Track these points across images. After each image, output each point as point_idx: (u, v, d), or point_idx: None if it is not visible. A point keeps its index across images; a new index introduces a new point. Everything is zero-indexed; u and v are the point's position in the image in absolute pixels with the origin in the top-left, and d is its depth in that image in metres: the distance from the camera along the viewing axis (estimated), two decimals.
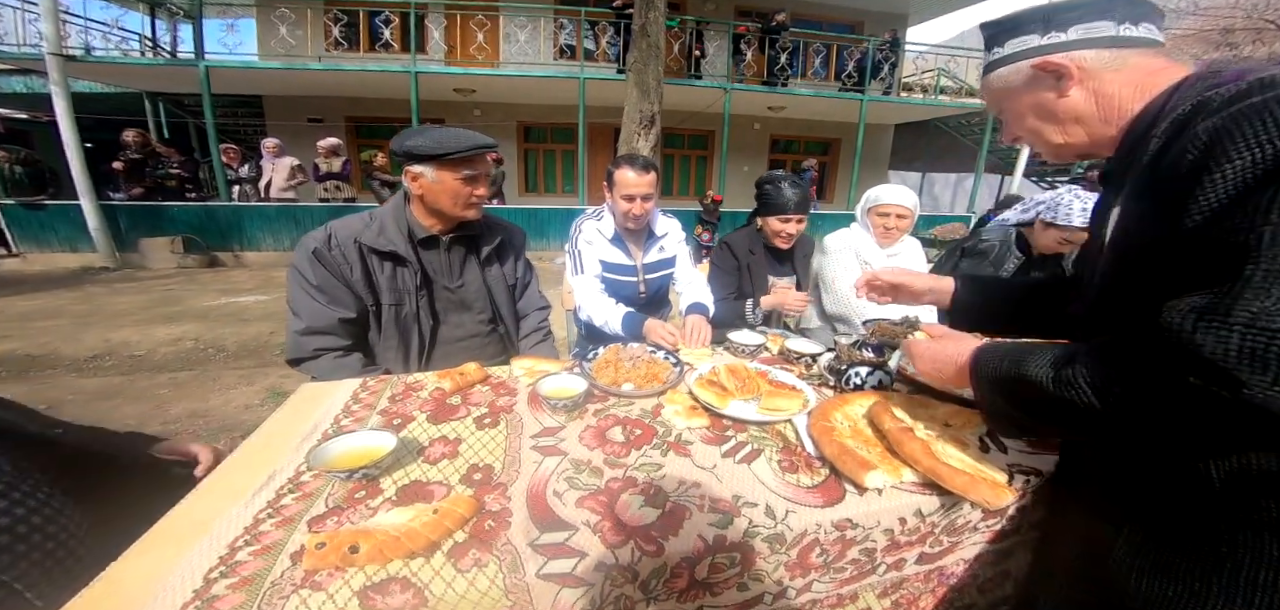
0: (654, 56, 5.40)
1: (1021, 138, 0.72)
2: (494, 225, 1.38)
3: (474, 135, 1.15)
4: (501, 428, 0.92)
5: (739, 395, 1.03)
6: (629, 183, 1.55)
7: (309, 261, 1.11)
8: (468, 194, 1.17)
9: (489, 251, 1.32)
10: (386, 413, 0.97)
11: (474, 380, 1.06)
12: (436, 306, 1.26)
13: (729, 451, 0.88)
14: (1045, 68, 0.64)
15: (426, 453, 0.84)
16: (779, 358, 1.30)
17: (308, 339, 1.12)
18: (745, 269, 1.78)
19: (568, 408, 0.95)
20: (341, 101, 8.76)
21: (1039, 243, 1.75)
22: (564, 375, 1.04)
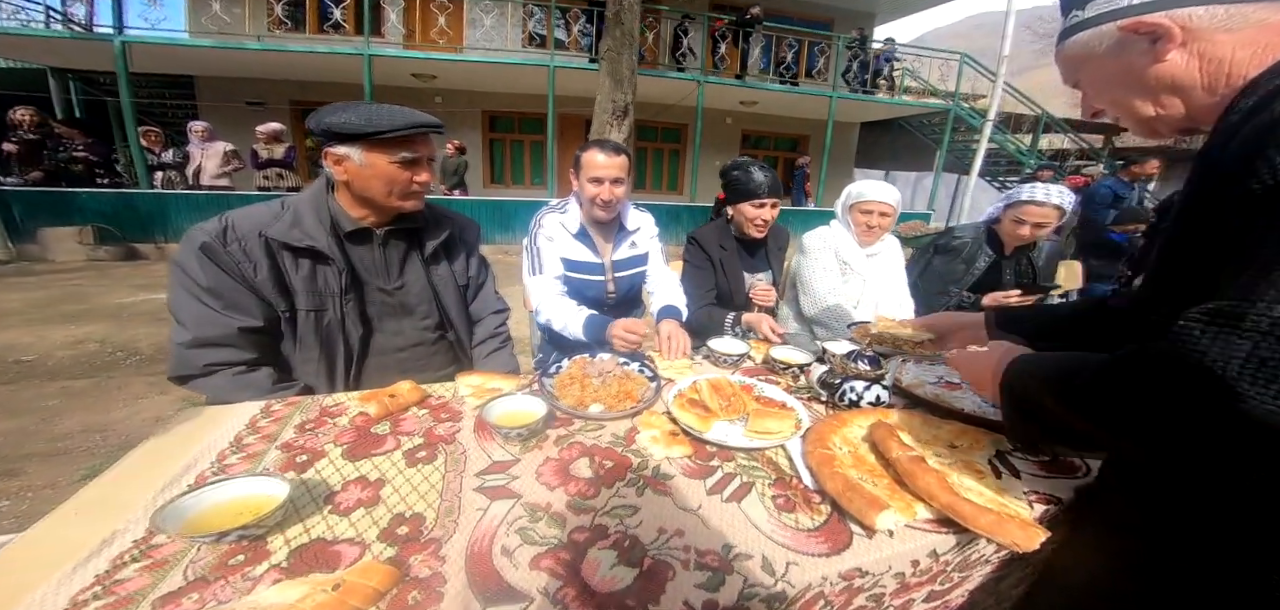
0: (628, 45, 5.23)
1: (1103, 111, 0.63)
2: (441, 217, 1.20)
3: (412, 113, 0.97)
4: (439, 463, 0.76)
5: (723, 415, 0.91)
6: (598, 164, 1.41)
7: (196, 259, 0.90)
8: (406, 181, 0.99)
9: (435, 247, 1.14)
10: (290, 446, 0.79)
11: (407, 403, 0.89)
12: (368, 311, 1.07)
13: (716, 486, 0.75)
14: (1139, 29, 0.53)
15: (336, 500, 0.67)
16: (764, 368, 1.18)
17: (197, 352, 0.91)
18: (718, 266, 1.67)
19: (523, 437, 0.80)
20: (286, 85, 8.10)
21: (1006, 234, 1.78)
22: (519, 396, 0.88)
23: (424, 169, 1.00)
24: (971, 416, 0.88)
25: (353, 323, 1.03)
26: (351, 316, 1.02)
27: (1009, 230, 1.75)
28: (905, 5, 10.71)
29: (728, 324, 1.56)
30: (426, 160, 1.01)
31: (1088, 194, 4.78)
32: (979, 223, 1.90)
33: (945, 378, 1.04)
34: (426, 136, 1.01)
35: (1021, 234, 1.71)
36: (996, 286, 1.84)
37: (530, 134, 9.58)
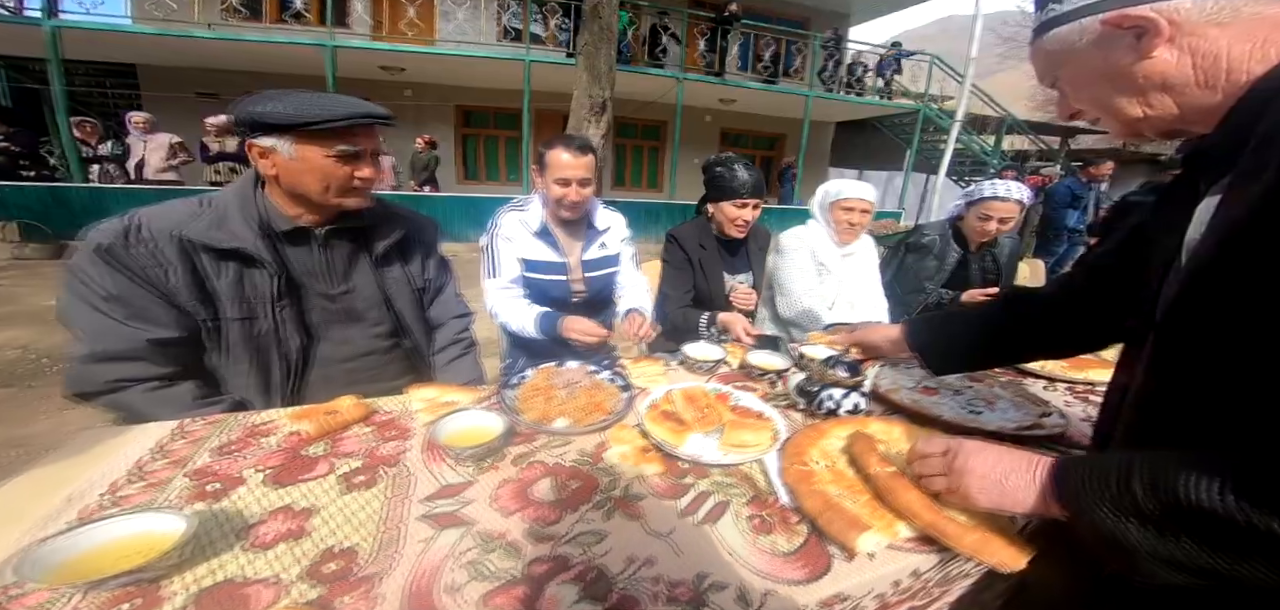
0: (606, 40, 5.13)
1: (1083, 113, 0.57)
2: (393, 215, 1.10)
3: (353, 101, 0.88)
4: (381, 489, 0.69)
5: (698, 427, 0.86)
6: (563, 164, 1.34)
7: (95, 263, 0.79)
8: (344, 176, 0.90)
9: (386, 248, 1.05)
10: (203, 473, 0.70)
11: (349, 420, 0.81)
12: (310, 319, 0.97)
13: (689, 507, 0.70)
14: (1122, 23, 0.48)
15: (255, 534, 0.59)
16: (741, 373, 1.14)
17: (98, 368, 0.80)
18: (697, 266, 1.62)
19: (477, 457, 0.73)
20: (241, 76, 7.62)
21: (971, 231, 1.83)
22: (475, 411, 0.81)
23: (367, 163, 0.91)
24: (950, 424, 0.86)
25: (291, 331, 0.93)
26: (289, 324, 0.93)
27: (975, 227, 1.79)
28: (879, 6, 10.94)
29: (703, 325, 1.51)
30: (370, 154, 0.92)
31: (1048, 193, 4.98)
32: (943, 221, 1.94)
33: (924, 382, 1.02)
34: (370, 129, 0.92)
35: (988, 229, 1.76)
36: (965, 283, 1.88)
37: (505, 129, 9.37)
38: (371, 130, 0.92)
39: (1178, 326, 0.49)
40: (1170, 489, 0.42)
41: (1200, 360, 0.46)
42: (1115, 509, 0.45)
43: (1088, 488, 0.48)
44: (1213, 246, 0.45)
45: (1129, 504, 0.44)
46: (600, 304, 1.59)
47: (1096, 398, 1.07)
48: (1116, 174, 9.23)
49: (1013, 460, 0.58)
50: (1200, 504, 0.40)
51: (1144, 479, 0.44)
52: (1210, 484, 0.40)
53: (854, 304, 1.69)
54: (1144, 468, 0.44)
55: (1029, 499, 0.55)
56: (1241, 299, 0.42)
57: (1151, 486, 0.43)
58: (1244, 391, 0.43)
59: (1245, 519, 0.38)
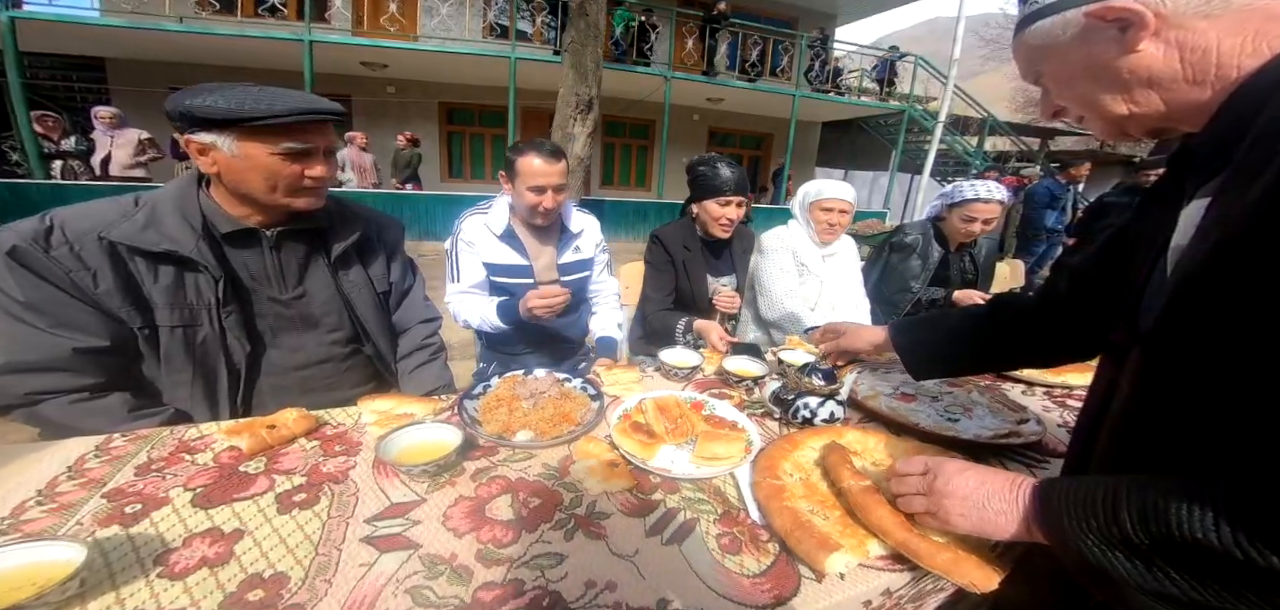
0: (593, 38, 5.08)
1: (1066, 111, 0.55)
2: (352, 215, 1.05)
3: (302, 97, 0.82)
4: (321, 508, 0.64)
5: (670, 439, 0.83)
6: (536, 171, 1.29)
7: (9, 268, 0.73)
8: (293, 176, 0.84)
9: (344, 249, 1.00)
10: (121, 493, 0.65)
11: (292, 434, 0.76)
12: (258, 326, 0.92)
13: (656, 525, 0.67)
14: (1106, 16, 0.45)
15: (172, 561, 0.55)
16: (718, 380, 1.11)
17: (14, 380, 0.74)
18: (681, 268, 1.59)
19: (432, 473, 0.69)
20: (215, 70, 7.42)
21: (952, 232, 1.83)
22: (430, 424, 0.77)
23: (319, 162, 0.86)
24: (927, 433, 0.84)
25: (237, 339, 0.87)
26: (235, 331, 0.87)
27: (958, 228, 1.80)
28: (866, 6, 11.02)
29: (679, 332, 1.49)
30: (323, 152, 0.86)
31: (1028, 194, 5.06)
32: (924, 221, 1.95)
33: (902, 388, 1.01)
34: (322, 125, 0.86)
35: (972, 230, 1.77)
36: (945, 283, 1.90)
37: (491, 127, 9.24)
38: (323, 127, 0.87)
39: (1166, 339, 0.46)
40: (1162, 520, 0.39)
41: (1191, 375, 0.44)
42: (1101, 539, 0.43)
43: (1071, 514, 0.46)
44: (1204, 253, 0.42)
45: (1116, 534, 0.42)
46: (572, 307, 1.55)
47: (1074, 402, 1.06)
48: (1093, 175, 9.47)
49: (995, 483, 0.55)
50: (1194, 537, 0.37)
51: (1132, 509, 0.41)
52: (1204, 516, 0.37)
53: (835, 305, 1.68)
54: (1132, 496, 0.42)
55: (1011, 525, 0.53)
56: (1237, 310, 0.39)
57: (1141, 517, 0.41)
58: (1238, 409, 0.40)
59: (1243, 554, 0.35)
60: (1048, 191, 4.86)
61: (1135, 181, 4.51)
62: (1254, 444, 0.40)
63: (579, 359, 1.57)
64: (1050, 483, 0.52)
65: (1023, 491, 0.53)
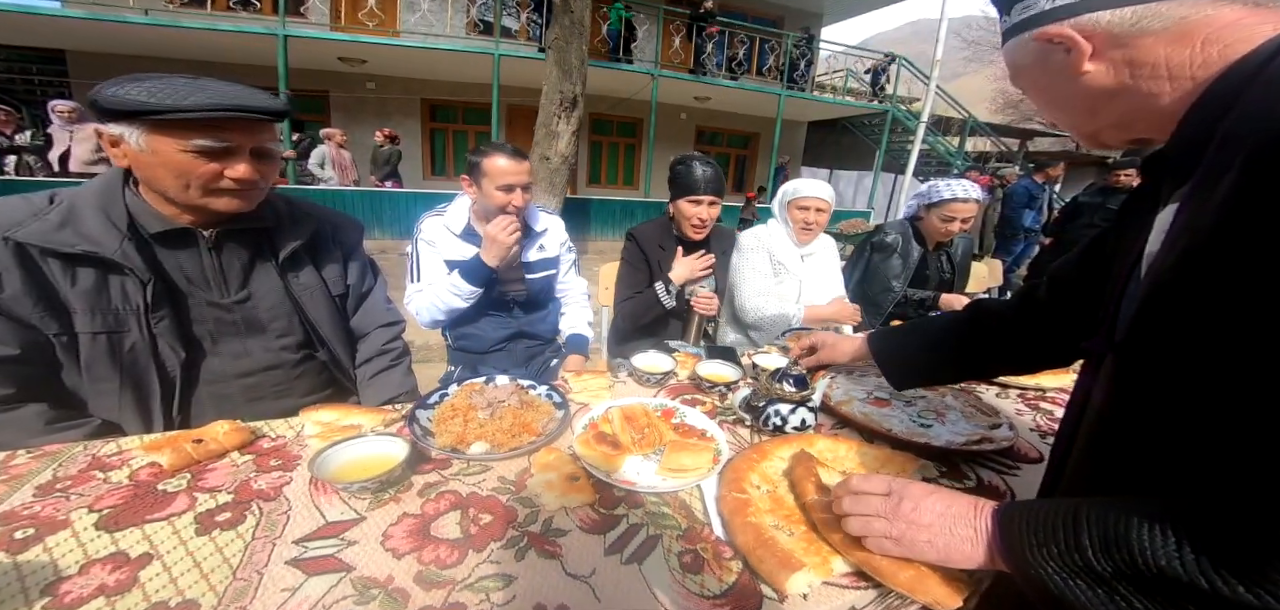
0: (577, 34, 5.01)
1: (1057, 123, 0.55)
2: (302, 215, 0.99)
3: (225, 92, 0.76)
4: (246, 528, 0.60)
5: (637, 450, 0.80)
6: (504, 170, 1.30)
7: None
8: (209, 175, 0.77)
9: (294, 250, 0.94)
10: (14, 516, 0.59)
11: (222, 449, 0.71)
12: (196, 331, 0.86)
13: (617, 542, 0.64)
14: (1049, 39, 0.46)
15: (61, 591, 0.50)
16: (691, 385, 1.09)
17: None
18: (656, 266, 1.56)
19: (374, 489, 0.65)
20: (185, 65, 7.17)
21: (931, 231, 1.85)
22: (374, 438, 0.72)
23: (242, 161, 0.79)
24: (900, 439, 0.82)
25: (170, 345, 0.81)
26: (167, 338, 0.81)
27: (936, 227, 1.81)
28: (851, 7, 11.12)
29: (662, 291, 1.49)
30: (249, 152, 0.81)
31: (1007, 194, 5.15)
32: (902, 220, 1.96)
33: (875, 393, 0.99)
34: (255, 122, 0.80)
35: (951, 229, 1.78)
36: (924, 282, 1.90)
37: (475, 124, 9.10)
38: (251, 124, 0.80)
39: (1137, 347, 0.45)
40: (1124, 547, 0.37)
41: (1161, 385, 0.42)
42: (1062, 566, 0.41)
43: (1031, 539, 0.44)
44: (1172, 260, 0.41)
45: (1078, 562, 0.40)
46: (540, 304, 1.56)
47: (1047, 404, 1.06)
48: (1068, 175, 9.71)
49: (959, 508, 0.53)
50: (1158, 565, 0.36)
51: (1094, 534, 0.40)
52: (1167, 542, 0.36)
53: (814, 305, 1.67)
54: (1093, 521, 0.40)
55: (977, 552, 0.50)
56: (1204, 318, 0.38)
57: (1103, 543, 0.39)
58: (1208, 421, 0.39)
59: (1209, 584, 0.33)
60: (1026, 191, 4.96)
61: (1107, 182, 4.62)
62: (1222, 460, 0.38)
63: (550, 357, 1.54)
64: (1010, 507, 0.50)
65: (984, 515, 0.51)
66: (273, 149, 0.86)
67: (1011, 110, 19.42)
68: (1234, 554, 0.33)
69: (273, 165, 0.87)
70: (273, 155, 0.86)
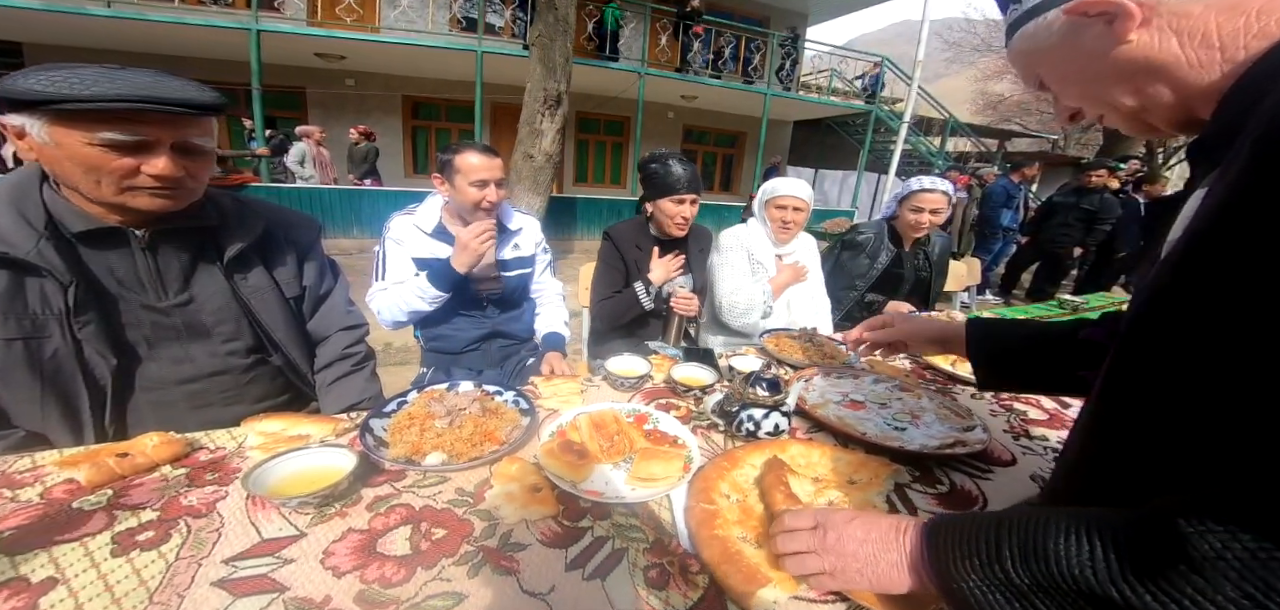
0: (562, 32, 4.95)
1: (1083, 113, 0.50)
2: (250, 213, 0.94)
3: (142, 81, 0.70)
4: (170, 547, 0.56)
5: (605, 459, 0.77)
6: (476, 166, 1.29)
7: None
8: (122, 171, 0.71)
9: (240, 250, 0.89)
10: None
11: (147, 463, 0.66)
12: (129, 336, 0.80)
13: (580, 557, 0.61)
14: (1088, 11, 0.42)
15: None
16: (667, 389, 1.06)
17: None
18: (633, 265, 1.54)
19: (317, 504, 0.61)
20: (153, 59, 6.86)
21: (905, 227, 1.85)
22: (319, 450, 0.68)
23: (161, 157, 0.73)
24: (874, 444, 0.81)
25: (99, 351, 0.76)
26: (96, 343, 0.75)
27: (908, 221, 1.82)
28: (837, 6, 11.22)
29: (641, 292, 1.47)
30: (169, 146, 0.75)
31: (986, 194, 5.24)
32: (879, 220, 1.97)
33: (851, 395, 0.97)
34: (168, 116, 0.73)
35: (921, 222, 1.79)
36: (899, 279, 1.91)
37: (459, 122, 8.96)
38: (177, 118, 0.73)
39: (1135, 338, 0.43)
40: (1042, 558, 0.36)
41: (1149, 379, 0.40)
42: (983, 579, 0.40)
43: (954, 552, 0.43)
44: (1179, 247, 0.39)
45: (999, 574, 0.39)
46: (514, 303, 1.53)
47: (1021, 405, 1.06)
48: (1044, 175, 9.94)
49: (881, 532, 0.51)
50: (1073, 575, 0.35)
51: (1014, 545, 0.38)
52: (1082, 552, 0.34)
53: (791, 304, 1.66)
54: (1014, 531, 0.39)
55: (903, 576, 0.48)
56: (1195, 307, 0.36)
57: (1022, 554, 0.38)
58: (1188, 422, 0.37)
59: (1120, 593, 0.32)
60: (1004, 190, 5.05)
61: (1080, 182, 4.74)
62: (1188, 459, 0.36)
63: (526, 356, 1.51)
64: (938, 522, 0.48)
65: (907, 536, 0.49)
66: (200, 145, 0.79)
67: (991, 111, 19.85)
68: (1141, 561, 0.32)
69: (202, 162, 0.80)
70: (200, 151, 0.79)
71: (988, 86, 20.03)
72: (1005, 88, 19.17)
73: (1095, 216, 4.51)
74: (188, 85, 0.74)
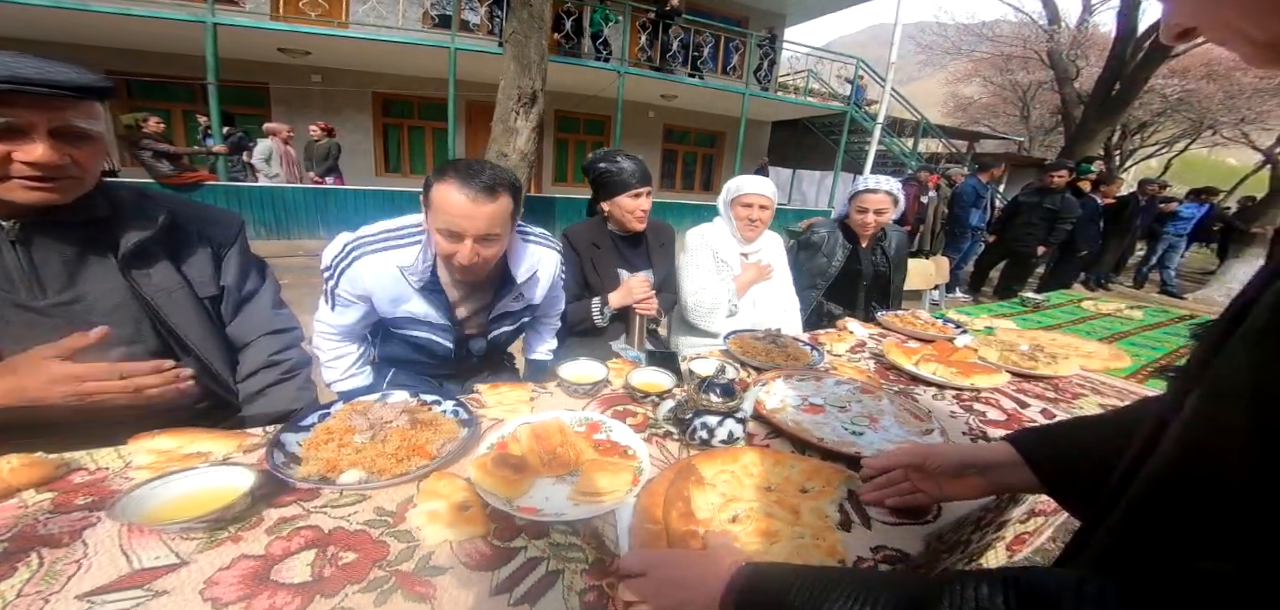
0: (536, 28, 4.86)
1: (1194, 33, 0.36)
2: (155, 206, 0.86)
3: (6, 59, 0.62)
4: (12, 583, 0.49)
5: (546, 472, 0.72)
6: (454, 209, 0.90)
7: None
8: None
9: (140, 245, 0.81)
10: None
11: (3, 488, 0.58)
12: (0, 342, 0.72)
13: (508, 580, 0.56)
14: None
15: None
16: (625, 395, 1.01)
17: None
18: (590, 265, 1.49)
19: (207, 527, 0.54)
20: (104, 53, 6.53)
21: (856, 226, 1.88)
22: (208, 470, 0.61)
23: (37, 142, 0.65)
24: (832, 450, 0.78)
25: None
26: None
27: (857, 220, 1.86)
28: (814, 7, 11.37)
29: (596, 310, 1.41)
30: (46, 131, 0.67)
31: (956, 194, 5.36)
32: (833, 219, 2.00)
33: (810, 399, 0.95)
34: (42, 99, 0.65)
35: (867, 222, 1.83)
36: (857, 276, 1.93)
37: (432, 120, 8.73)
38: (53, 100, 0.66)
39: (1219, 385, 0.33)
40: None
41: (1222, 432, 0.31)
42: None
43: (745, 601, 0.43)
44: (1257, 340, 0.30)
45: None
46: (495, 363, 1.31)
47: (981, 405, 1.05)
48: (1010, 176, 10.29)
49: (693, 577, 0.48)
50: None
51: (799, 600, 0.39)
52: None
53: (757, 303, 1.64)
54: (803, 586, 0.39)
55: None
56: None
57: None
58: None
59: None
60: (973, 190, 5.17)
61: (1043, 182, 4.90)
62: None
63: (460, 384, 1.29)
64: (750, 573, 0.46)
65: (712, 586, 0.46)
66: (85, 129, 0.71)
67: (961, 113, 20.46)
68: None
69: (89, 148, 0.73)
70: (85, 136, 0.72)
71: (958, 89, 20.64)
72: (974, 91, 19.79)
73: (1057, 216, 4.66)
74: (59, 66, 0.67)
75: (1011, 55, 15.02)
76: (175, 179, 4.96)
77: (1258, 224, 6.54)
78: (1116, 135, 14.69)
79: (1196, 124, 14.97)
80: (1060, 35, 11.78)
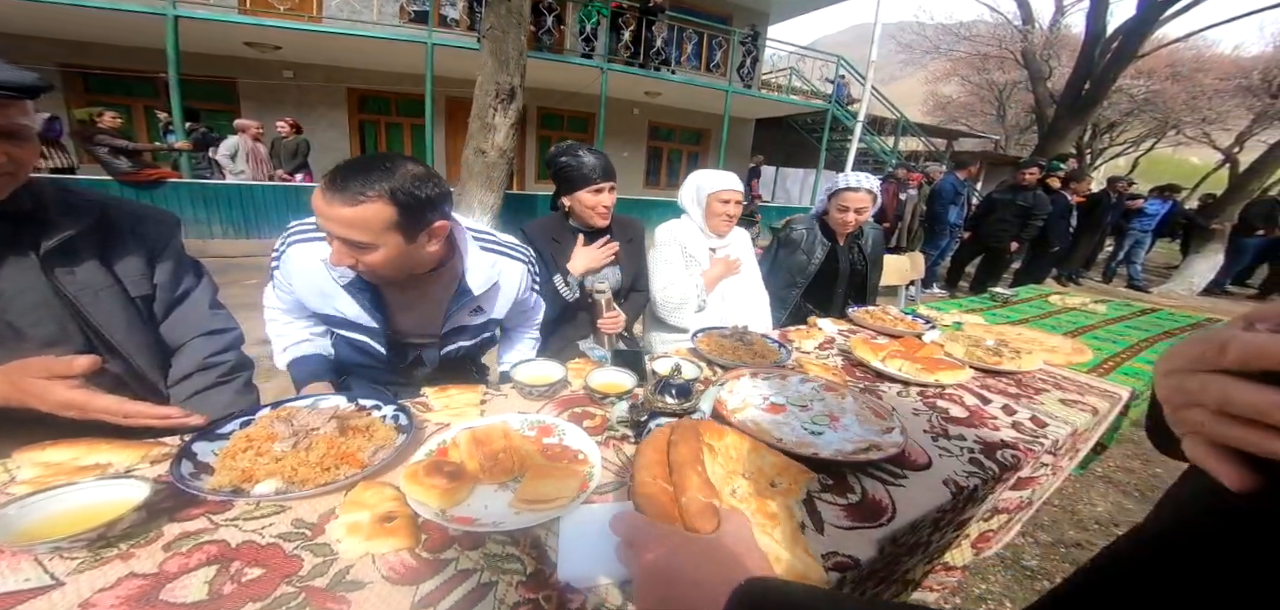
0: (515, 23, 4.77)
1: None
2: (82, 202, 0.81)
3: None
4: None
5: (486, 479, 0.68)
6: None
7: None
8: None
9: (64, 242, 0.76)
10: None
11: None
12: None
13: (432, 596, 0.52)
14: None
15: None
16: (584, 396, 0.98)
17: None
18: (551, 260, 1.45)
19: (89, 544, 0.50)
20: (57, 45, 6.22)
21: (835, 223, 1.88)
22: (97, 484, 0.56)
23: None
24: (791, 452, 0.75)
25: None
26: None
27: (837, 218, 1.85)
28: (798, 6, 11.45)
29: (561, 283, 1.37)
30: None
31: (935, 191, 5.44)
32: (811, 216, 1.99)
33: (772, 398, 0.92)
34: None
35: (847, 220, 1.82)
36: (835, 274, 1.92)
37: (410, 116, 8.55)
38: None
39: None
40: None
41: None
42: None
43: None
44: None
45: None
46: (464, 372, 1.25)
47: (944, 402, 1.04)
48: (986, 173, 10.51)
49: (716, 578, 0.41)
50: None
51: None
52: None
53: (726, 298, 1.62)
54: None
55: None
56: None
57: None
58: None
59: None
60: (952, 187, 5.25)
61: (1015, 180, 5.01)
62: None
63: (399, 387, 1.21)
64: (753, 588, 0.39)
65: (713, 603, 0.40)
66: (25, 125, 0.69)
67: (940, 112, 20.86)
68: None
69: (22, 146, 0.70)
70: (18, 134, 0.69)
71: (937, 88, 21.05)
72: (952, 90, 20.22)
73: (1029, 212, 4.76)
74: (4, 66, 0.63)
75: (988, 55, 15.40)
76: (135, 176, 4.76)
77: (1217, 221, 6.81)
78: (1088, 134, 15.17)
79: (1162, 124, 15.55)
80: (1034, 36, 12.09)
